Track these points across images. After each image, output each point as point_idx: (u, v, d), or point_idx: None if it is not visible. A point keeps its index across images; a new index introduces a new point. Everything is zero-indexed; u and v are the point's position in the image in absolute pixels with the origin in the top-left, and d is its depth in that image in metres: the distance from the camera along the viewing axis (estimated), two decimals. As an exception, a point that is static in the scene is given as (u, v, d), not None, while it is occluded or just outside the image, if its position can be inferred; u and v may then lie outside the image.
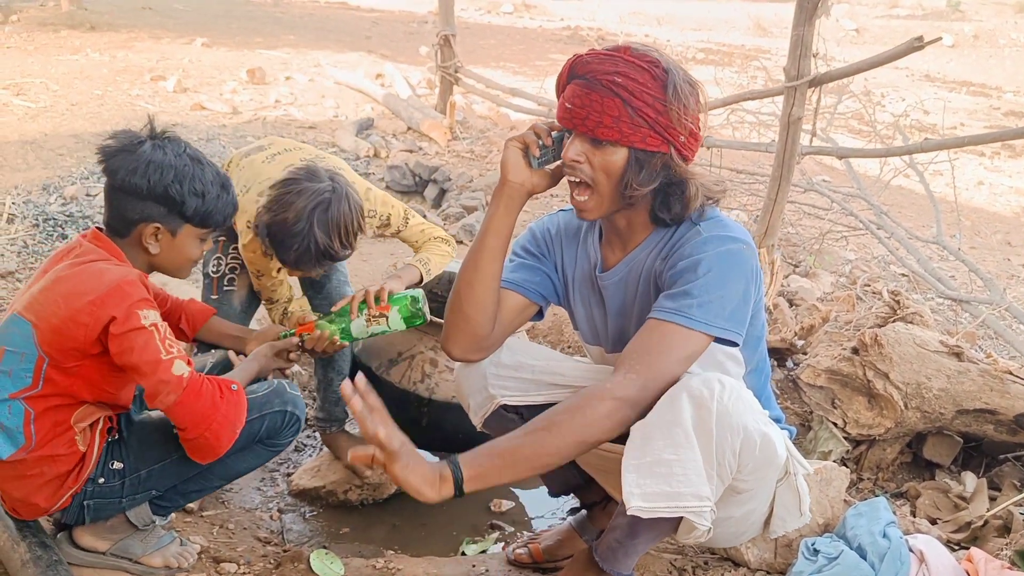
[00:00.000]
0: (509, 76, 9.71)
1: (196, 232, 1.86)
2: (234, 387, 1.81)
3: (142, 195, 1.76)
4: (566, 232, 1.95)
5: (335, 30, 12.60)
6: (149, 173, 1.75)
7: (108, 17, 11.08)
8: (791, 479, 1.77)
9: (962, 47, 16.38)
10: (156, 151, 1.77)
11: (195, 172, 1.80)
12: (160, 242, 1.82)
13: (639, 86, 1.60)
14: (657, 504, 1.59)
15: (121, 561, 1.98)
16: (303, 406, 2.00)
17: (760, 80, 9.51)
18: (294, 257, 2.18)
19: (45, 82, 7.41)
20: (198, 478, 1.97)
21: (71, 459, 1.81)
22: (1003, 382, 2.67)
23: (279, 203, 2.15)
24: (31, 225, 4.19)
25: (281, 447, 2.01)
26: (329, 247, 2.16)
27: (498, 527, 2.61)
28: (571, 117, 1.65)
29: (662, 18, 17.63)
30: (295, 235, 2.13)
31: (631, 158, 1.65)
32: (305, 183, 2.16)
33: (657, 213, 1.73)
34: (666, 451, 1.59)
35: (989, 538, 2.28)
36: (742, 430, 1.60)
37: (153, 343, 1.69)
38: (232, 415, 1.78)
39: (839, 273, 4.75)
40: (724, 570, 2.14)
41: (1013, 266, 5.70)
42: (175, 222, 1.81)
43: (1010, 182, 7.82)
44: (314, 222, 2.13)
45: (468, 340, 1.87)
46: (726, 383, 1.61)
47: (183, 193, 1.77)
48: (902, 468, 2.86)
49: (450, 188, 5.56)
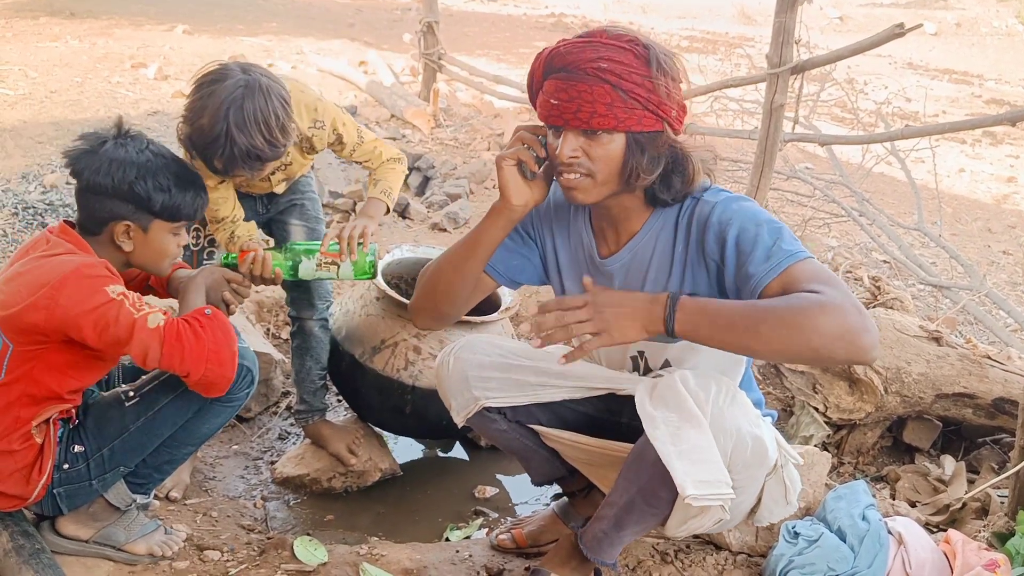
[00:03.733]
0: (493, 64, 9.66)
1: (167, 227, 1.86)
2: (208, 311, 1.80)
3: (108, 194, 1.78)
4: (556, 209, 1.88)
5: (318, 17, 12.51)
6: (112, 171, 1.76)
7: (88, 4, 10.94)
8: (779, 471, 1.76)
9: (945, 35, 16.45)
10: (118, 149, 1.79)
11: (159, 167, 1.81)
12: (133, 239, 1.83)
13: (625, 68, 1.56)
14: (707, 492, 1.57)
15: (104, 549, 1.97)
16: (253, 357, 1.95)
17: (744, 68, 9.52)
18: (221, 164, 2.05)
19: (24, 69, 7.32)
20: (165, 448, 1.96)
21: (28, 452, 1.82)
22: (982, 367, 2.70)
23: (193, 110, 2.03)
24: (10, 214, 4.15)
25: (239, 401, 1.98)
26: (252, 146, 2.01)
27: (482, 513, 2.62)
28: (560, 113, 1.59)
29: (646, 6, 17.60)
30: (214, 140, 2.00)
31: (630, 143, 1.60)
32: (215, 84, 2.02)
33: (657, 195, 1.69)
34: (698, 438, 1.58)
35: (967, 520, 2.31)
36: (735, 432, 1.61)
37: (125, 309, 1.70)
38: (221, 337, 1.77)
39: (821, 259, 4.78)
40: (706, 554, 2.16)
41: (993, 253, 5.75)
42: (144, 218, 1.82)
43: (991, 169, 7.87)
44: (230, 123, 1.98)
45: (435, 320, 1.99)
46: (721, 384, 1.62)
47: (148, 189, 1.79)
48: (882, 452, 2.89)
49: (434, 176, 5.55)
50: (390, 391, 2.57)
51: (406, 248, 2.91)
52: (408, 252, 2.90)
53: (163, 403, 1.89)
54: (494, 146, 6.09)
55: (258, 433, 2.94)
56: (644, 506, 1.75)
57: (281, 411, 3.06)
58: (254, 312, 3.46)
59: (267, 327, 3.48)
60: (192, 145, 2.08)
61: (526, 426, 2.02)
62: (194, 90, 2.06)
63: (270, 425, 3.00)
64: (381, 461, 2.72)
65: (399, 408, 2.60)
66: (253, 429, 2.95)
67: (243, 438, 2.89)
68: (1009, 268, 5.51)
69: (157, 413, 1.88)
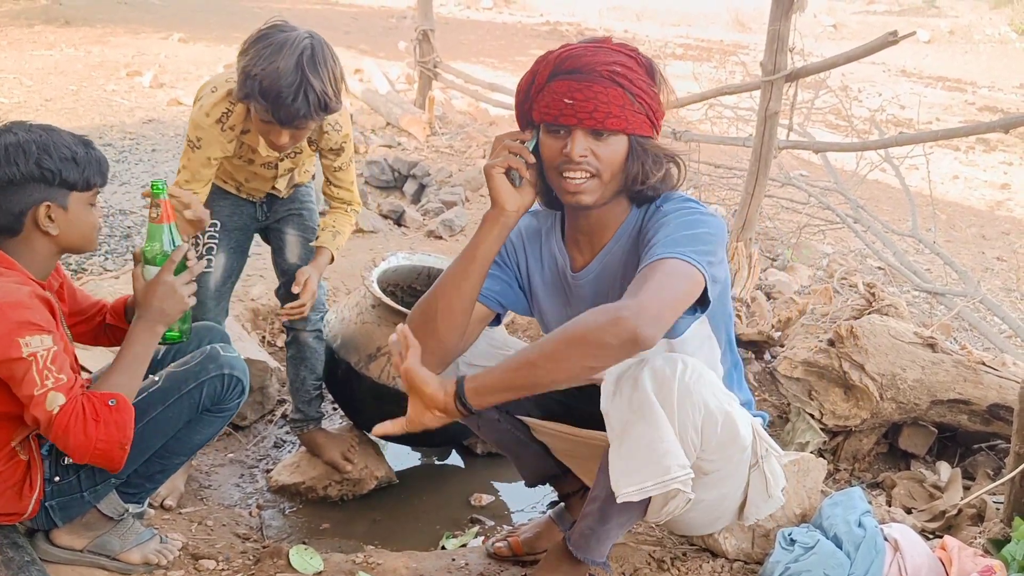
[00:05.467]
0: (489, 71, 9.68)
1: (84, 197, 1.80)
2: (111, 403, 1.71)
3: (18, 181, 1.71)
4: (527, 235, 1.93)
5: (314, 25, 12.26)
6: (14, 157, 1.70)
7: (83, 12, 10.94)
8: (760, 463, 1.80)
9: (938, 43, 16.52)
10: (8, 135, 1.73)
11: (54, 140, 1.75)
12: (56, 221, 1.76)
13: (634, 74, 1.65)
14: (645, 484, 1.62)
15: (99, 558, 1.96)
16: (243, 366, 1.95)
17: (738, 75, 9.55)
18: (293, 111, 2.06)
19: (19, 77, 7.32)
20: (156, 458, 1.95)
21: (16, 469, 1.80)
22: (977, 373, 2.70)
23: (263, 57, 2.04)
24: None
25: (230, 411, 1.98)
26: (324, 92, 2.08)
27: (478, 521, 2.61)
28: (575, 112, 1.63)
29: (641, 13, 17.64)
30: (290, 83, 2.03)
31: (633, 145, 1.67)
32: (283, 33, 2.07)
33: (645, 193, 1.73)
34: (645, 433, 1.61)
35: (963, 526, 2.31)
36: (703, 406, 1.64)
37: (31, 375, 1.64)
38: (114, 434, 1.69)
39: (816, 266, 4.80)
40: (702, 561, 2.16)
41: (987, 259, 5.77)
42: (61, 195, 1.76)
43: (985, 176, 7.90)
44: (305, 66, 2.04)
45: (436, 358, 1.78)
46: (688, 363, 1.64)
47: (55, 163, 1.73)
48: (878, 459, 2.90)
49: (429, 183, 5.55)
50: (385, 399, 2.56)
51: (402, 256, 2.92)
52: (404, 260, 2.91)
53: (153, 414, 1.87)
54: (490, 154, 6.09)
55: (254, 441, 2.94)
56: None
57: (276, 419, 3.06)
58: (249, 320, 3.46)
59: (262, 335, 3.47)
60: (261, 91, 2.05)
61: (516, 417, 2.03)
62: (256, 42, 2.08)
63: (265, 433, 2.99)
64: (377, 469, 2.71)
65: (395, 416, 2.58)
66: (249, 437, 2.95)
67: (239, 446, 2.89)
68: (1003, 274, 5.52)
69: (147, 424, 1.86)
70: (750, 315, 3.30)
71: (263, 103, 2.08)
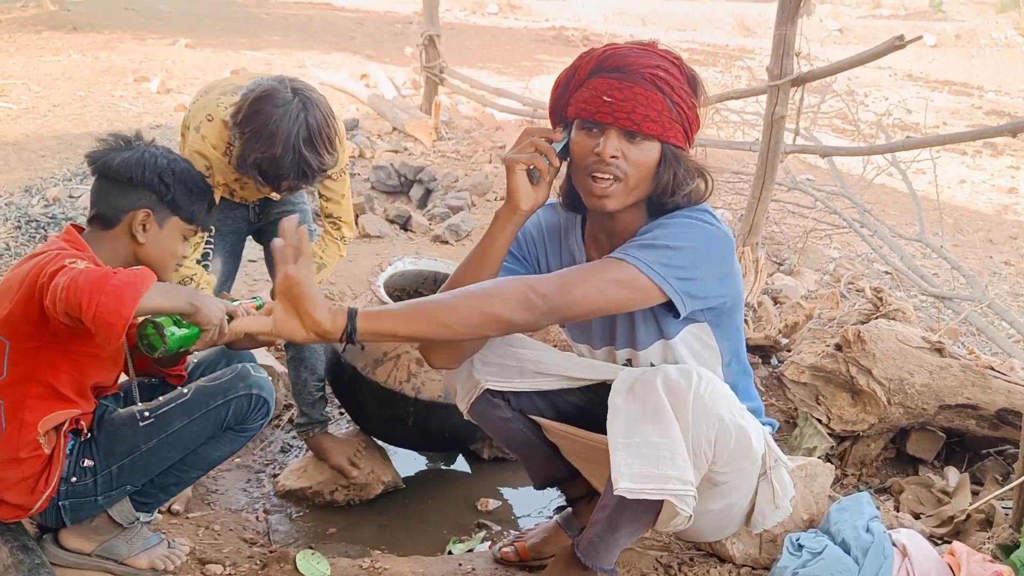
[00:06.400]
0: (494, 76, 9.70)
1: (182, 227, 1.92)
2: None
3: (135, 183, 1.84)
4: (548, 231, 1.92)
5: (320, 31, 12.56)
6: (145, 162, 1.85)
7: (90, 18, 11.00)
8: (769, 473, 1.79)
9: (944, 47, 16.51)
10: (149, 148, 1.89)
11: (185, 171, 1.91)
12: (148, 231, 1.87)
13: (677, 81, 1.63)
14: (645, 486, 1.60)
15: (106, 562, 1.97)
16: (271, 388, 1.97)
17: (744, 80, 9.54)
18: (291, 184, 2.21)
19: (27, 83, 7.36)
20: (173, 471, 1.96)
21: (36, 462, 1.82)
22: (984, 377, 2.69)
23: (259, 138, 2.11)
24: (13, 227, 4.16)
25: (252, 431, 2.00)
26: (321, 164, 2.18)
27: (485, 526, 2.61)
28: (613, 111, 1.61)
29: (646, 17, 17.67)
30: (287, 165, 2.13)
31: (665, 153, 1.65)
32: (272, 108, 2.11)
33: (666, 206, 1.71)
34: (654, 434, 1.60)
35: (971, 532, 2.30)
36: (717, 420, 1.63)
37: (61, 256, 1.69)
38: (130, 280, 1.63)
39: (823, 271, 4.79)
40: (710, 566, 2.15)
41: (995, 263, 5.76)
42: (164, 212, 1.88)
43: (992, 180, 7.88)
44: (302, 150, 2.12)
45: (451, 354, 1.86)
46: (703, 375, 1.63)
47: (174, 184, 1.87)
48: (886, 463, 2.89)
49: (436, 188, 5.56)
50: (392, 403, 2.57)
51: (408, 260, 2.92)
52: (410, 264, 2.91)
53: (177, 426, 1.89)
54: (495, 158, 6.10)
55: (260, 446, 2.94)
56: (634, 504, 1.75)
57: (283, 424, 3.06)
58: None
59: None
60: (261, 174, 2.18)
61: (528, 417, 2.02)
62: (249, 119, 2.12)
63: (272, 438, 2.99)
64: (383, 474, 2.71)
65: (401, 420, 2.60)
66: (255, 442, 2.95)
67: (245, 451, 2.89)
68: (1011, 278, 5.51)
69: (170, 436, 1.88)
70: (757, 320, 3.29)
71: (263, 182, 2.22)
